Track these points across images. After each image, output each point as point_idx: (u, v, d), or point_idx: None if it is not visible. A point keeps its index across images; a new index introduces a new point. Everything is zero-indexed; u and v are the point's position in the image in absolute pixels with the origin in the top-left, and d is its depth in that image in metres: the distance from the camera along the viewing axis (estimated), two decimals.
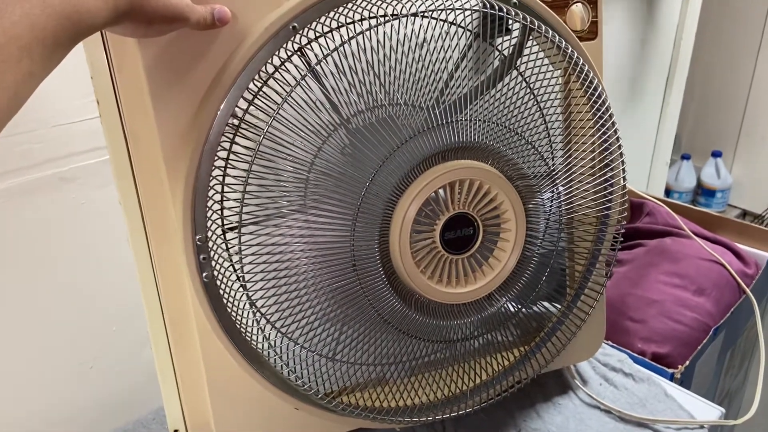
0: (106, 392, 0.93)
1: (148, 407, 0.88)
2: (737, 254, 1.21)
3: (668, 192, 2.36)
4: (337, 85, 0.56)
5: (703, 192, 2.36)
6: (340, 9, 0.57)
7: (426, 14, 0.57)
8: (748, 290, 1.14)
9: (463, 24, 0.60)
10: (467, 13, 0.59)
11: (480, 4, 0.59)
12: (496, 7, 0.59)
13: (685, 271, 1.14)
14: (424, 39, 0.57)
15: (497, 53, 0.63)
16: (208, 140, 0.56)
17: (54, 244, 0.83)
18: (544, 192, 0.66)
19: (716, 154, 2.33)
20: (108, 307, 0.90)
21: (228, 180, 0.57)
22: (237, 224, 0.57)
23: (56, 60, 0.41)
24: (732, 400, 1.36)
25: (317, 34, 0.56)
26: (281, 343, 0.62)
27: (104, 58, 0.58)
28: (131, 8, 0.45)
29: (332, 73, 0.56)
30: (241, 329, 0.62)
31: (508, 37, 0.63)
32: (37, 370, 0.86)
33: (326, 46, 0.55)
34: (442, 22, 0.58)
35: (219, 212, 0.57)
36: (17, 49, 0.36)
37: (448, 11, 0.58)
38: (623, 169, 0.69)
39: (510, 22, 0.62)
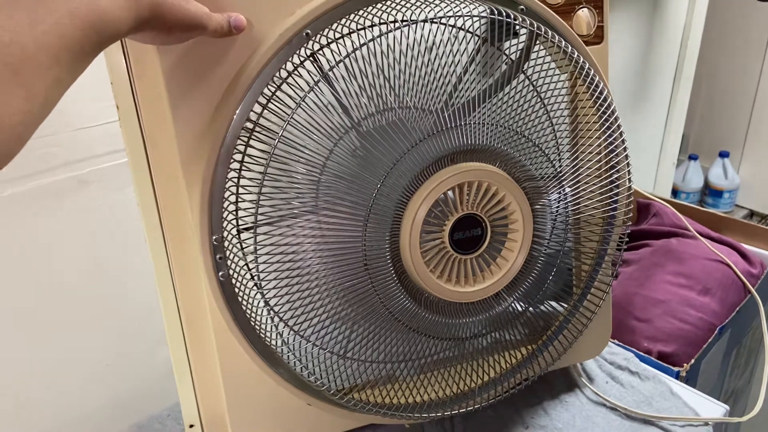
0: (122, 389, 0.94)
1: (163, 404, 0.90)
2: (743, 254, 1.22)
3: (676, 192, 2.36)
4: (348, 89, 0.57)
5: (710, 192, 2.37)
6: (352, 16, 0.59)
7: (435, 21, 0.58)
8: (753, 290, 1.15)
9: (471, 29, 0.61)
10: (475, 19, 0.61)
11: (488, 11, 0.61)
12: (504, 14, 0.61)
13: (691, 271, 1.15)
14: (433, 43, 0.59)
15: (504, 58, 0.65)
16: (224, 144, 0.57)
17: (72, 245, 0.85)
18: (551, 193, 0.67)
19: (723, 155, 2.33)
20: (124, 307, 0.91)
21: (242, 182, 0.58)
22: (252, 225, 0.59)
23: (82, 67, 0.42)
24: (737, 399, 1.37)
25: (329, 40, 0.57)
26: (294, 341, 0.63)
27: (124, 64, 0.60)
28: (152, 17, 0.47)
29: (343, 78, 0.57)
30: (256, 326, 0.63)
31: (516, 41, 0.64)
32: (56, 369, 0.88)
33: (338, 52, 0.57)
34: (451, 27, 0.60)
35: (234, 213, 0.59)
36: (47, 58, 0.38)
37: (457, 18, 0.59)
38: (629, 171, 0.70)
39: (517, 27, 0.63)
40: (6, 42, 0.36)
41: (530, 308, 0.72)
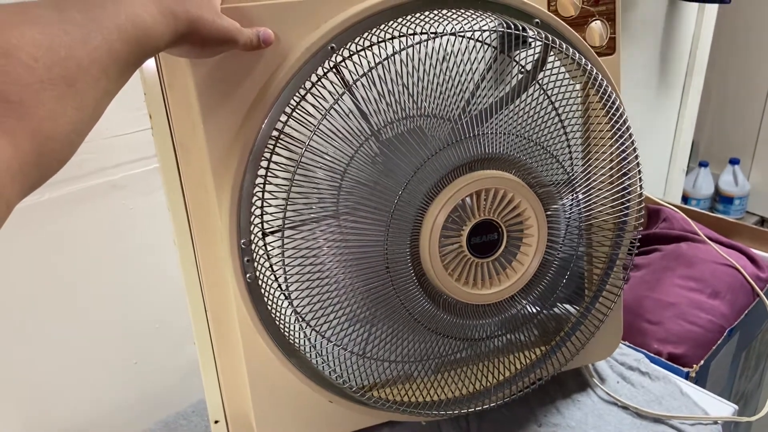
0: (149, 387, 0.97)
1: (188, 401, 0.92)
2: (751, 258, 1.23)
3: (686, 199, 2.36)
4: (367, 95, 0.59)
5: (721, 199, 2.37)
6: (374, 30, 0.61)
7: (453, 34, 0.60)
8: (761, 293, 1.16)
9: (488, 41, 0.64)
10: (493, 34, 0.63)
11: (503, 25, 0.63)
12: (520, 28, 0.63)
13: (701, 275, 1.16)
14: (450, 52, 0.61)
15: (519, 68, 0.67)
16: (252, 151, 0.59)
17: (104, 246, 0.87)
18: (565, 199, 0.68)
19: (734, 162, 2.33)
20: (151, 307, 0.94)
21: (269, 188, 0.60)
22: (277, 228, 0.61)
23: (126, 78, 0.45)
24: (748, 401, 1.39)
25: (352, 53, 0.60)
26: (316, 340, 0.65)
27: (156, 75, 0.63)
28: (189, 32, 0.49)
29: (364, 86, 0.59)
30: (281, 326, 0.65)
31: (530, 53, 0.66)
32: (86, 366, 0.90)
33: (360, 64, 0.59)
34: (468, 40, 0.62)
35: (261, 217, 0.61)
36: (97, 71, 0.40)
37: (475, 32, 0.61)
38: (640, 178, 0.72)
39: (530, 40, 0.65)
40: (62, 56, 0.38)
41: (544, 311, 0.74)
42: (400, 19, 0.62)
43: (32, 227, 0.81)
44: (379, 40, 0.60)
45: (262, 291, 0.64)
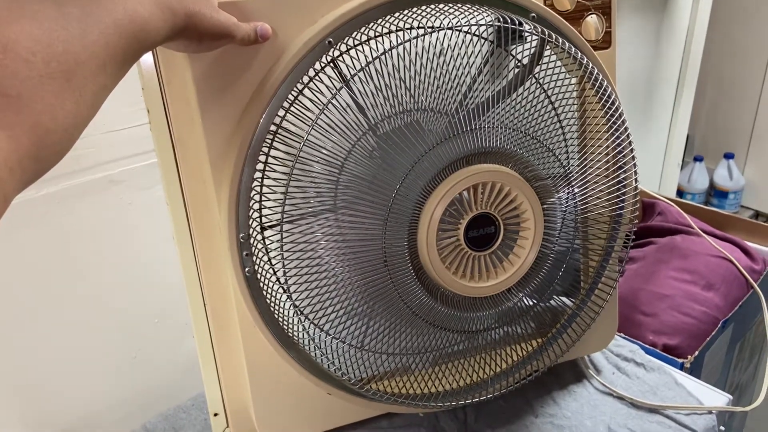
0: (149, 381, 0.97)
1: (188, 394, 0.92)
2: (746, 251, 1.24)
3: (681, 193, 2.37)
4: (365, 89, 0.59)
5: (715, 193, 2.38)
6: (371, 24, 0.61)
7: (450, 29, 0.61)
8: (755, 285, 1.17)
9: (484, 35, 0.64)
10: (489, 29, 0.63)
11: (500, 19, 0.63)
12: (516, 22, 0.63)
13: (695, 267, 1.17)
14: (448, 46, 0.61)
15: (516, 63, 0.67)
16: (251, 146, 0.60)
17: (102, 241, 0.88)
18: (561, 193, 0.69)
19: (728, 156, 2.34)
20: (150, 301, 0.94)
21: (267, 182, 0.61)
22: (275, 222, 0.61)
23: (123, 73, 0.45)
24: (742, 393, 1.40)
25: (349, 47, 0.60)
26: (315, 333, 0.66)
27: (154, 70, 0.63)
28: (186, 26, 0.49)
29: (361, 80, 0.59)
30: (279, 319, 0.66)
31: (526, 47, 0.67)
32: (86, 361, 0.90)
33: (357, 58, 0.59)
34: (464, 34, 0.63)
35: (259, 212, 0.61)
36: (95, 66, 0.41)
37: (472, 26, 0.62)
38: (635, 171, 0.72)
39: (526, 34, 0.66)
40: (60, 51, 0.38)
41: (540, 303, 0.75)
42: (397, 14, 0.62)
43: (29, 222, 0.81)
44: (377, 34, 0.60)
45: (261, 285, 0.64)
